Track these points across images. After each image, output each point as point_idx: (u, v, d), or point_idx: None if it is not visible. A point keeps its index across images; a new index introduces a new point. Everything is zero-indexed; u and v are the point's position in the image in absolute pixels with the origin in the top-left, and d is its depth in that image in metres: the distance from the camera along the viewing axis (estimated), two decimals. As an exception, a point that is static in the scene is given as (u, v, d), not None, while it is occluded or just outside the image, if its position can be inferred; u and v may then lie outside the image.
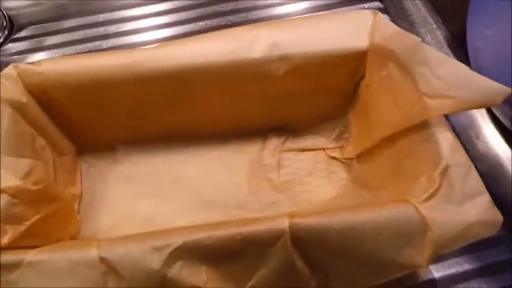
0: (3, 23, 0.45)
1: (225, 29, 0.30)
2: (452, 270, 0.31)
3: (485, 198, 0.23)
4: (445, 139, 0.25)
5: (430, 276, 0.31)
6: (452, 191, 0.23)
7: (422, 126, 0.26)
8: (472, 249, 0.32)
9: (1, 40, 0.44)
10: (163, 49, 0.29)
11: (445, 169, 0.24)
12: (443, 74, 0.25)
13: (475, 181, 0.24)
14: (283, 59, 0.29)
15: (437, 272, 0.31)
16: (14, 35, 0.45)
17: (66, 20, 0.45)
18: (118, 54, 0.29)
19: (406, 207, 0.23)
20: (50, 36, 0.44)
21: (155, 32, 0.44)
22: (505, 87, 0.24)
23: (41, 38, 0.44)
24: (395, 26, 0.28)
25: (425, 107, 0.25)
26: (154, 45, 0.30)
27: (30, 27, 0.45)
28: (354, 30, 0.29)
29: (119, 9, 0.46)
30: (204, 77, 0.30)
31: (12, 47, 0.44)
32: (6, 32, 0.44)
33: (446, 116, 0.27)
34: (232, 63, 0.29)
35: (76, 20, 0.45)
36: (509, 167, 0.35)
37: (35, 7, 0.47)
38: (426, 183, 0.24)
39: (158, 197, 0.32)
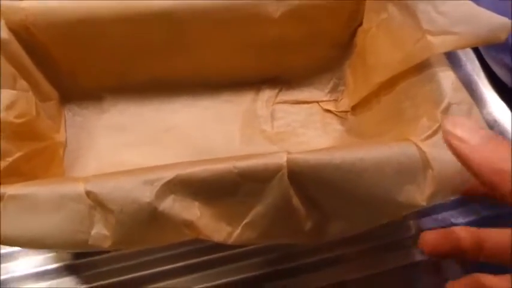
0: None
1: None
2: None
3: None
4: (447, 78, 0.24)
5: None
6: (454, 128, 0.23)
7: (422, 67, 0.25)
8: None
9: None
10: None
11: (447, 107, 0.23)
12: (447, 10, 0.24)
13: (477, 119, 0.23)
14: (280, 0, 0.28)
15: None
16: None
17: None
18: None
19: (407, 144, 0.22)
20: None
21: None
22: (510, 21, 0.23)
23: None
24: (395, -34, 0.28)
25: (428, 45, 0.24)
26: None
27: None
28: (352, -28, 0.29)
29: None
30: (197, 19, 0.28)
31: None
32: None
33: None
34: (229, 3, 0.28)
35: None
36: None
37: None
38: (427, 122, 0.23)
39: (147, 146, 0.31)
